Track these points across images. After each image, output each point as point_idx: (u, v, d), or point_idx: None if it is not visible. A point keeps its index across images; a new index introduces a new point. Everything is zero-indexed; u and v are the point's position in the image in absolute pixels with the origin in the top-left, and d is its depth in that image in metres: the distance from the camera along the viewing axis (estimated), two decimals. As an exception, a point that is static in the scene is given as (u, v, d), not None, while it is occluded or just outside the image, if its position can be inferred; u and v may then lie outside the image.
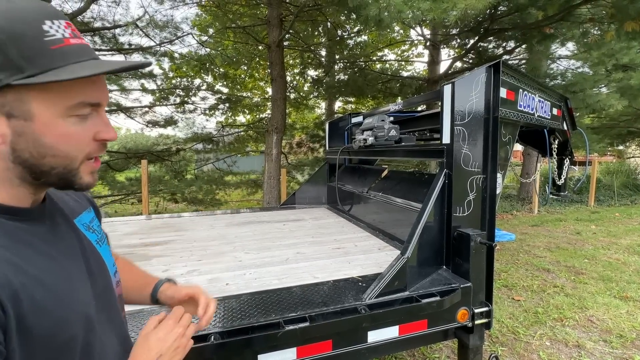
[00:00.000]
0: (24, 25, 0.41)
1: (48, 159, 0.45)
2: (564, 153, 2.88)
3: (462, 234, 1.46)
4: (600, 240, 4.92)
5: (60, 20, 0.44)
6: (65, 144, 0.46)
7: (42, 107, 0.43)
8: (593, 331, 2.53)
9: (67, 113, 0.45)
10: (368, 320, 1.19)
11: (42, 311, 0.43)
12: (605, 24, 4.79)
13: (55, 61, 0.42)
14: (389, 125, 2.21)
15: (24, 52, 0.40)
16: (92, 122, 0.48)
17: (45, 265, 0.47)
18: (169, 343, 0.59)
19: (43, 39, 0.42)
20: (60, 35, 0.43)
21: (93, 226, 0.64)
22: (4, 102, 0.42)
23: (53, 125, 0.44)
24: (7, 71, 0.40)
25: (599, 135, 8.41)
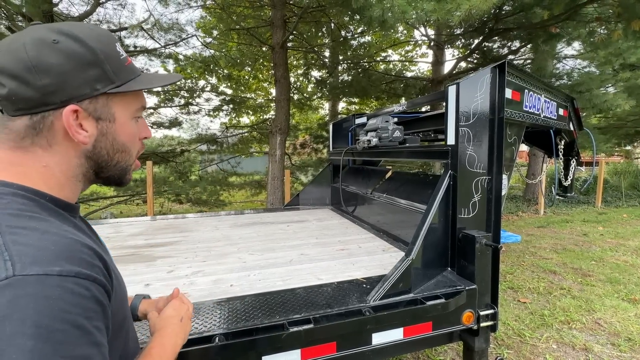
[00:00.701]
0: (109, 47, 0.53)
1: (118, 155, 0.56)
2: (571, 154, 2.85)
3: (467, 236, 1.45)
4: (607, 242, 4.85)
5: (118, 44, 0.56)
6: (130, 141, 0.58)
7: (121, 111, 0.55)
8: (601, 334, 2.49)
9: (133, 115, 0.57)
10: (372, 323, 1.18)
11: (115, 289, 0.50)
12: (612, 23, 4.73)
13: (130, 75, 0.55)
14: (393, 126, 2.20)
15: (114, 68, 0.52)
16: (140, 123, 0.60)
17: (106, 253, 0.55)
18: (183, 309, 0.74)
19: (119, 57, 0.54)
20: (124, 55, 0.56)
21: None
22: (96, 107, 0.52)
23: (126, 125, 0.56)
24: (103, 82, 0.51)
25: (606, 136, 8.30)
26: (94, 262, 0.44)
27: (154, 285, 1.43)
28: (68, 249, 0.43)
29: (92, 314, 0.41)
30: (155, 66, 7.58)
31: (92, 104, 0.51)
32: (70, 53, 0.48)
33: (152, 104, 7.77)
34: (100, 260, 0.46)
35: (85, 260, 0.43)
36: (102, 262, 0.46)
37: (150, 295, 0.87)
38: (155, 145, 8.65)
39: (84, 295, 0.41)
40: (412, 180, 2.33)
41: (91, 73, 0.50)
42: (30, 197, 0.47)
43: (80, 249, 0.44)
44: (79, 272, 0.41)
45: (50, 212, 0.48)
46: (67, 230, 0.46)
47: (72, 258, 0.42)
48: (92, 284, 0.42)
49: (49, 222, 0.45)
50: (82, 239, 0.46)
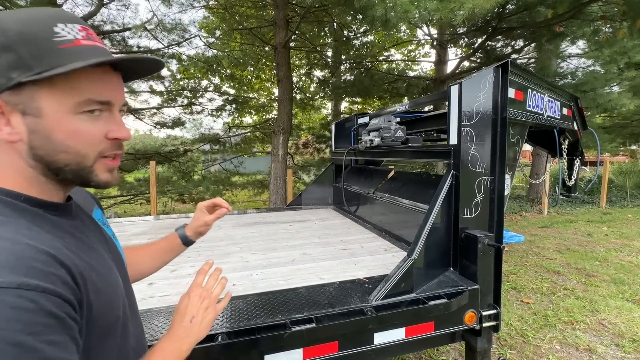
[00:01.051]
0: (34, 27, 0.43)
1: (60, 156, 0.47)
2: (575, 153, 2.83)
3: (469, 236, 1.45)
4: (612, 242, 4.81)
5: (75, 24, 0.47)
6: (74, 140, 0.47)
7: (51, 104, 0.45)
8: (605, 335, 2.48)
9: (75, 110, 0.46)
10: (374, 322, 1.18)
11: (98, 292, 0.47)
12: (617, 22, 4.69)
13: (61, 59, 0.43)
14: (395, 126, 2.20)
15: (33, 51, 0.43)
16: (104, 120, 0.49)
17: (90, 254, 0.51)
18: (197, 304, 0.67)
19: (52, 39, 0.44)
20: (71, 36, 0.45)
21: (105, 222, 0.68)
22: (19, 100, 0.44)
23: (62, 121, 0.46)
24: (18, 69, 0.42)
25: (611, 135, 8.23)
26: (49, 270, 0.40)
27: (157, 284, 1.44)
28: (16, 257, 0.39)
29: (40, 329, 0.37)
30: (159, 66, 7.60)
31: (15, 96, 0.43)
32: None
33: (156, 104, 7.82)
34: (62, 266, 0.41)
35: (36, 269, 0.39)
36: (65, 267, 0.42)
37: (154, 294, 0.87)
38: (159, 145, 8.69)
39: (28, 308, 0.36)
40: (415, 180, 2.33)
41: (3, 59, 0.42)
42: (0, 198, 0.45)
43: (32, 256, 0.39)
44: (22, 283, 0.37)
45: (22, 213, 0.45)
46: (26, 234, 0.42)
47: (19, 267, 0.38)
48: (40, 296, 0.38)
49: (10, 225, 0.42)
50: (41, 244, 0.41)
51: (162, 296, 1.33)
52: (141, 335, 0.64)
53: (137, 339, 0.61)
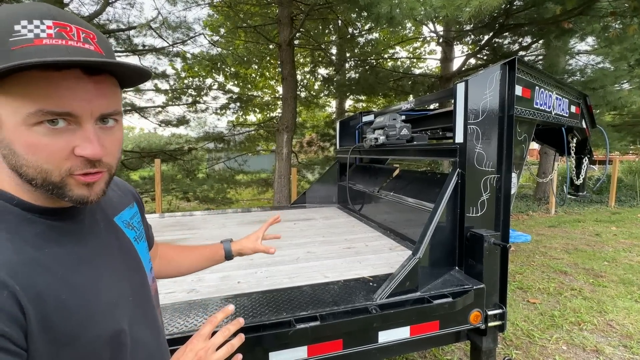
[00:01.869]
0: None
1: (24, 169, 0.43)
2: (583, 152, 2.79)
3: (475, 235, 1.43)
4: (621, 242, 4.74)
5: (45, 20, 0.41)
6: (33, 155, 0.42)
7: (7, 113, 0.41)
8: (612, 336, 2.44)
9: (28, 121, 0.41)
10: (379, 321, 1.18)
11: (67, 311, 0.44)
12: (627, 18, 4.60)
13: (10, 61, 0.38)
14: (400, 124, 2.18)
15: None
16: (70, 135, 0.43)
17: (74, 265, 0.47)
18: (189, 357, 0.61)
19: (7, 39, 0.39)
20: (31, 35, 0.40)
21: (133, 223, 0.65)
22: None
23: (18, 133, 0.41)
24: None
25: (621, 133, 8.08)
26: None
27: (161, 281, 1.45)
28: None
29: None
30: (164, 65, 7.67)
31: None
32: None
33: (160, 102, 7.87)
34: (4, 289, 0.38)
35: None
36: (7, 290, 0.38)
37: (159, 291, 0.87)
38: (163, 143, 8.74)
39: None
40: (420, 179, 2.31)
41: None
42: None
43: None
44: None
45: (7, 218, 0.43)
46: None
47: None
48: None
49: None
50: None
51: (167, 293, 1.34)
52: (155, 346, 0.60)
53: (149, 351, 0.57)
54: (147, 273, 0.64)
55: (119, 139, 0.50)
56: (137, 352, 0.54)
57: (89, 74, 0.43)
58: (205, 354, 0.62)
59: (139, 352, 0.54)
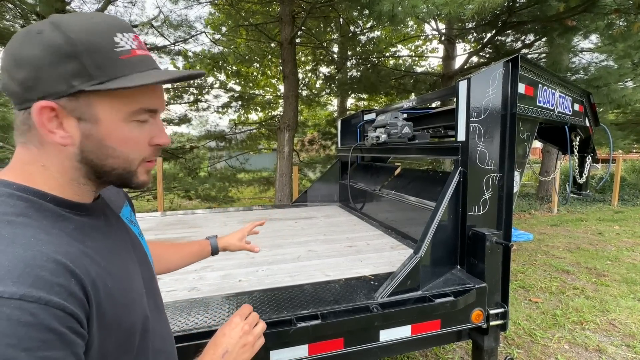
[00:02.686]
0: (99, 37, 0.45)
1: (110, 160, 0.49)
2: (586, 150, 2.77)
3: (477, 234, 1.43)
4: (623, 242, 4.72)
5: (129, 33, 0.48)
6: (125, 147, 0.49)
7: (108, 112, 0.47)
8: (615, 335, 2.43)
9: (128, 118, 0.48)
10: (380, 319, 1.18)
11: (113, 299, 0.47)
12: (631, 15, 4.56)
13: (122, 70, 0.46)
14: (402, 122, 2.17)
15: (96, 61, 0.44)
16: (149, 127, 0.52)
17: (109, 257, 0.51)
18: (235, 340, 0.64)
19: (114, 49, 0.46)
20: (128, 47, 0.47)
21: (133, 219, 0.69)
22: (76, 106, 0.45)
23: (116, 129, 0.48)
24: (81, 78, 0.44)
25: (624, 132, 8.03)
26: (56, 281, 0.39)
27: (163, 279, 1.45)
28: (25, 265, 0.38)
29: (37, 344, 0.36)
30: (165, 63, 7.66)
31: (72, 102, 0.45)
32: (48, 44, 0.42)
33: (163, 101, 7.86)
34: (72, 276, 0.41)
35: (43, 279, 0.38)
36: (75, 277, 0.41)
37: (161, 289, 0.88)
38: (165, 141, 8.75)
39: (26, 322, 0.35)
40: (422, 177, 2.30)
41: (68, 67, 0.43)
42: (27, 197, 0.45)
43: (41, 265, 0.39)
44: (24, 294, 0.36)
45: (46, 215, 0.45)
46: (43, 239, 0.41)
47: (25, 277, 0.37)
48: (42, 309, 0.36)
49: (28, 228, 0.42)
50: (56, 250, 0.41)
51: (168, 291, 1.34)
52: (167, 334, 0.64)
53: (162, 338, 0.61)
54: (152, 266, 0.68)
55: None
56: (155, 338, 0.58)
57: None
58: (250, 328, 0.67)
59: (156, 338, 0.58)
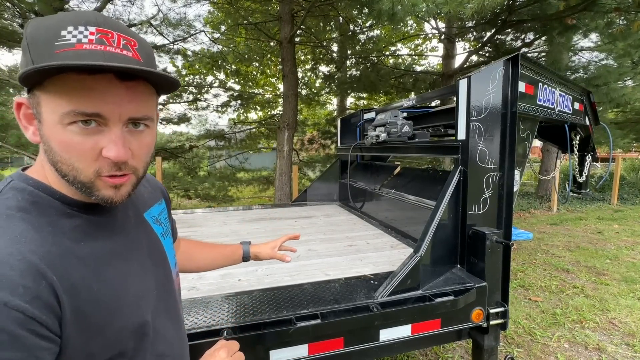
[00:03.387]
0: (42, 31, 0.43)
1: (59, 165, 0.46)
2: (586, 149, 2.77)
3: (477, 233, 1.42)
4: (623, 240, 4.72)
5: (89, 26, 0.44)
6: (66, 152, 0.45)
7: (48, 112, 0.44)
8: (615, 334, 2.43)
9: (63, 120, 0.44)
10: (380, 319, 1.18)
11: (98, 302, 0.46)
12: (631, 14, 4.55)
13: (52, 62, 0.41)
14: (402, 121, 2.17)
15: (34, 55, 0.42)
16: (100, 136, 0.45)
17: (106, 259, 0.50)
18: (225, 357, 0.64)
19: (54, 43, 0.42)
20: (74, 40, 0.43)
21: (161, 219, 0.68)
22: (33, 103, 0.45)
23: (54, 130, 0.44)
24: None
25: (624, 131, 8.03)
26: (21, 282, 0.39)
27: (163, 278, 1.45)
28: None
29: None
30: (164, 62, 7.66)
31: (31, 98, 0.45)
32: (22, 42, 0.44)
33: (162, 100, 7.85)
34: (43, 279, 0.40)
35: (9, 279, 0.38)
36: (45, 280, 0.41)
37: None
38: (165, 141, 8.74)
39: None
40: (422, 176, 2.30)
41: (22, 63, 0.44)
42: (37, 193, 0.47)
43: (12, 263, 0.39)
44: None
45: (49, 212, 0.46)
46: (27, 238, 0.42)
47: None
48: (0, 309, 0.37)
49: (21, 225, 0.43)
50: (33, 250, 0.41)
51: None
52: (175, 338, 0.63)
53: (167, 342, 0.60)
54: (172, 268, 0.67)
55: (148, 144, 0.52)
56: (157, 342, 0.57)
57: (121, 79, 0.45)
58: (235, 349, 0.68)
59: (159, 342, 0.57)
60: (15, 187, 0.46)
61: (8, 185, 0.47)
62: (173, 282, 0.67)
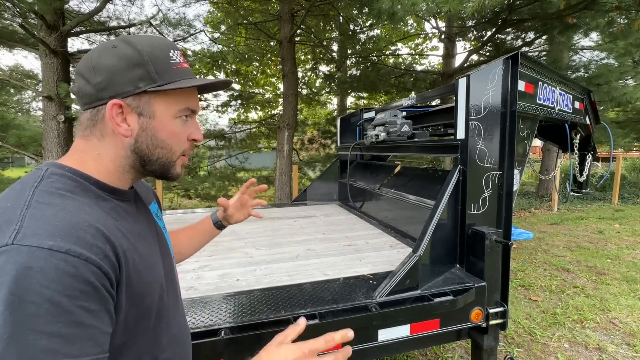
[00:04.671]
0: (159, 51, 0.57)
1: (158, 150, 0.59)
2: (586, 148, 2.76)
3: (476, 232, 1.42)
4: (624, 240, 4.71)
5: (177, 50, 0.61)
6: (171, 139, 0.60)
7: (162, 109, 0.58)
8: (615, 334, 2.43)
9: (176, 115, 0.60)
10: (378, 319, 1.17)
11: (139, 273, 0.53)
12: (632, 12, 4.53)
13: (175, 76, 0.58)
14: (401, 120, 2.16)
15: (157, 69, 0.56)
16: (189, 124, 0.62)
17: (138, 238, 0.57)
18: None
19: (169, 61, 0.58)
20: (178, 60, 0.59)
21: (159, 215, 0.76)
22: (139, 104, 0.56)
23: (166, 123, 0.59)
24: (145, 81, 0.55)
25: (625, 130, 8.01)
26: (95, 243, 0.45)
27: (162, 278, 1.45)
28: (71, 226, 0.44)
29: (77, 294, 0.41)
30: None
31: (136, 101, 0.56)
32: (122, 55, 0.55)
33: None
34: (107, 242, 0.47)
35: (84, 240, 0.44)
36: (110, 244, 0.47)
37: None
38: (165, 140, 8.74)
39: (69, 272, 0.41)
40: (421, 176, 2.29)
41: (136, 72, 0.55)
42: (75, 179, 0.53)
43: (84, 228, 0.45)
44: (69, 249, 0.42)
45: (89, 194, 0.53)
46: (86, 210, 0.49)
47: (70, 235, 0.43)
48: (82, 264, 0.43)
49: (76, 201, 0.49)
50: (96, 220, 0.48)
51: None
52: (184, 325, 0.69)
53: (179, 326, 0.66)
54: (173, 259, 0.74)
55: None
56: (171, 325, 0.63)
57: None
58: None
59: (173, 325, 0.64)
60: (55, 173, 0.52)
61: (47, 171, 0.52)
62: (176, 273, 0.72)
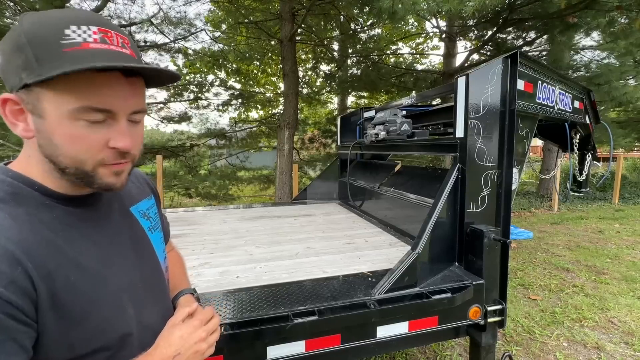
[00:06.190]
0: (44, 30, 0.43)
1: (60, 158, 0.47)
2: (586, 148, 2.76)
3: (475, 230, 1.42)
4: (624, 240, 4.71)
5: (91, 25, 0.45)
6: (71, 145, 0.46)
7: (52, 107, 0.45)
8: (614, 333, 2.43)
9: (73, 116, 0.45)
10: (377, 316, 1.18)
11: (76, 291, 0.47)
12: (633, 12, 4.52)
13: (63, 63, 0.42)
14: (401, 119, 2.17)
15: (38, 54, 0.43)
16: (106, 129, 0.48)
17: (86, 249, 0.51)
18: (189, 344, 0.58)
19: (59, 41, 0.43)
20: (80, 39, 0.44)
21: (149, 213, 0.69)
22: (29, 99, 0.46)
23: (60, 125, 0.46)
24: (27, 71, 0.43)
25: (625, 130, 7.99)
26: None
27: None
28: None
29: None
30: (165, 61, 7.66)
31: (26, 95, 0.45)
32: (11, 38, 0.44)
33: (162, 99, 7.87)
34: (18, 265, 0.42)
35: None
36: (22, 266, 0.42)
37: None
38: (165, 139, 8.77)
39: None
40: (421, 175, 2.30)
41: (18, 60, 0.43)
42: (17, 185, 0.48)
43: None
44: None
45: (29, 202, 0.47)
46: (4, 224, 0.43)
47: None
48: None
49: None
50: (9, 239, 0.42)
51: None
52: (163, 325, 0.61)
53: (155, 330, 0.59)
54: (161, 262, 0.66)
55: (142, 134, 0.56)
56: (145, 335, 0.57)
57: (126, 76, 0.48)
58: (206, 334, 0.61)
59: (147, 334, 0.57)
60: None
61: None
62: (162, 275, 0.66)
